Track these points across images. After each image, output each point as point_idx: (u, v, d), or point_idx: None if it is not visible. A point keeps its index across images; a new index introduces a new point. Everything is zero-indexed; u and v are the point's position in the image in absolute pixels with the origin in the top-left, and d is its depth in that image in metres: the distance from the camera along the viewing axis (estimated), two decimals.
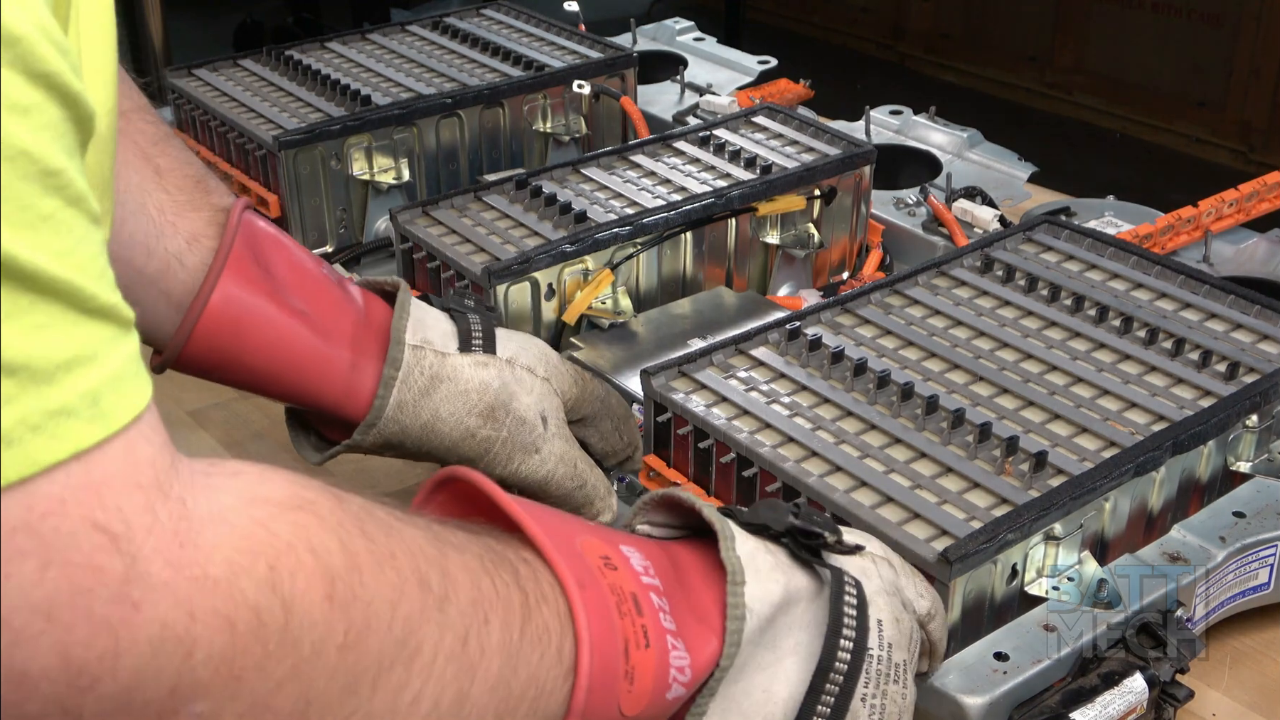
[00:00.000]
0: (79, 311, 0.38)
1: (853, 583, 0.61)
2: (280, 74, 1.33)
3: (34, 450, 0.37)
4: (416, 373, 0.76)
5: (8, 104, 0.37)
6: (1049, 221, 1.06)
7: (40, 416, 0.37)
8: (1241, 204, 1.20)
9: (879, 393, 0.84)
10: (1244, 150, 3.54)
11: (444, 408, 0.76)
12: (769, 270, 1.14)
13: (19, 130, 0.37)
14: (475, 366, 0.78)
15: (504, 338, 0.81)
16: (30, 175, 0.38)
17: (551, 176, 1.12)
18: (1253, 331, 0.92)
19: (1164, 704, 0.72)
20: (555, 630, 0.51)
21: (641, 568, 0.56)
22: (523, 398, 0.79)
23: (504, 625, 0.50)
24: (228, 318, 0.73)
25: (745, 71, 1.54)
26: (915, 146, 1.37)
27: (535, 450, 0.79)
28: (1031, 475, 0.77)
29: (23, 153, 0.37)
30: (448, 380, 0.76)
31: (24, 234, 0.37)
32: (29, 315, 0.37)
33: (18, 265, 0.37)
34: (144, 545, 0.39)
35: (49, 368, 0.37)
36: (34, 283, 0.37)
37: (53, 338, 0.37)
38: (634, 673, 0.53)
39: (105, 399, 0.39)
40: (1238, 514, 0.82)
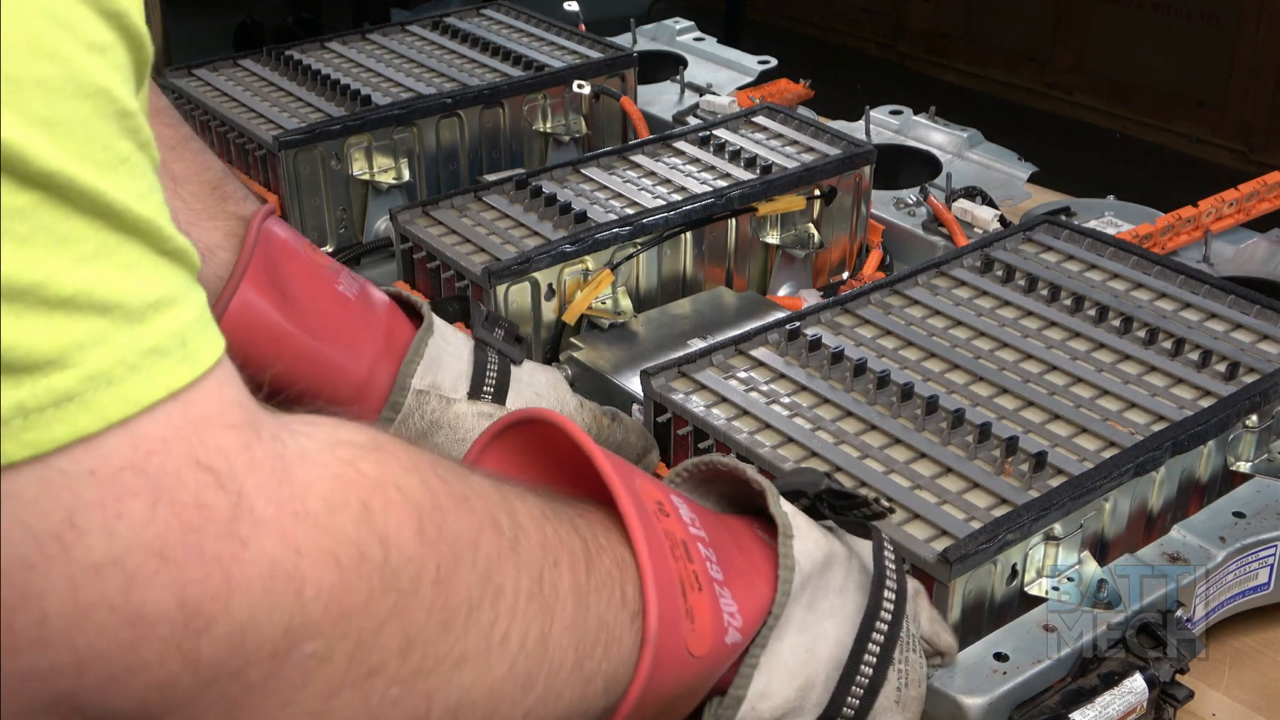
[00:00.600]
0: (159, 253, 0.38)
1: (890, 541, 0.62)
2: (280, 74, 1.33)
3: (133, 390, 0.37)
4: (417, 417, 0.76)
5: (85, 41, 0.37)
6: (1049, 221, 1.06)
7: (137, 355, 0.37)
8: (1241, 204, 1.20)
9: (879, 393, 0.84)
10: (1244, 150, 3.54)
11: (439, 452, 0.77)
12: (769, 270, 1.14)
13: (98, 68, 0.37)
14: (478, 417, 0.77)
15: (520, 385, 0.80)
16: (110, 115, 0.37)
17: (551, 176, 1.12)
18: (1253, 331, 0.92)
19: (1164, 704, 0.72)
20: (617, 576, 0.52)
21: (689, 519, 0.56)
22: None
23: (571, 569, 0.50)
24: (239, 335, 0.73)
25: (745, 71, 1.54)
26: (915, 146, 1.37)
27: None
28: (1031, 475, 0.77)
29: (102, 90, 0.37)
30: (447, 428, 0.76)
31: (109, 174, 0.37)
32: (118, 254, 0.37)
33: (106, 202, 0.36)
34: (246, 482, 0.39)
35: (140, 306, 0.37)
36: (121, 221, 0.37)
37: (141, 277, 0.37)
38: (693, 612, 0.53)
39: (192, 340, 0.39)
40: (1238, 514, 0.82)
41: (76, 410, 0.35)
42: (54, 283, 0.35)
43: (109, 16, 0.38)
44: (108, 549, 0.36)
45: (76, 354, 0.35)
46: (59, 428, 0.35)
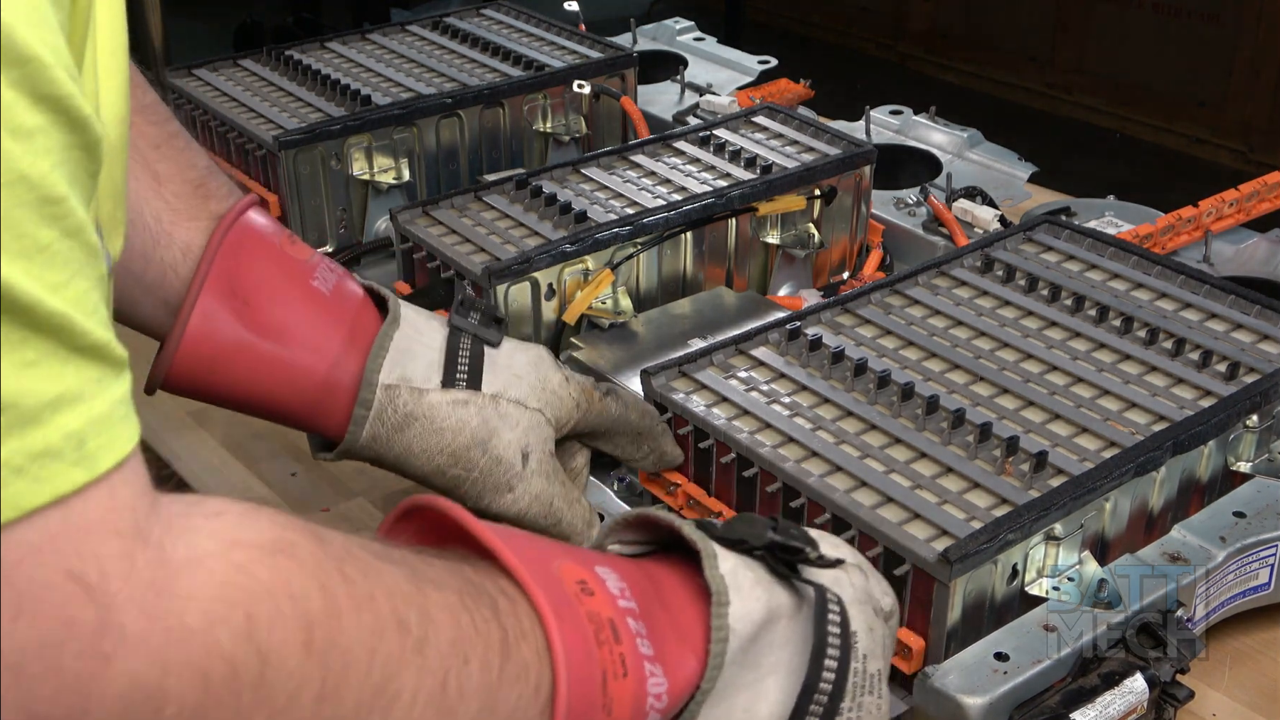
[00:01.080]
0: (69, 349, 0.37)
1: (835, 600, 0.60)
2: (280, 74, 1.33)
3: (16, 494, 0.35)
4: (389, 411, 0.74)
5: (9, 127, 0.36)
6: (1049, 221, 1.06)
7: (24, 458, 0.35)
8: (1242, 204, 1.20)
9: (879, 393, 0.84)
10: (1244, 150, 3.54)
11: (416, 444, 0.75)
12: (769, 270, 1.14)
13: (19, 154, 0.36)
14: (453, 405, 0.76)
15: (496, 367, 0.79)
16: (28, 202, 0.36)
17: (551, 176, 1.12)
18: (1253, 331, 0.92)
19: (1164, 704, 0.72)
20: (534, 667, 0.50)
21: (618, 590, 0.55)
22: (504, 434, 0.77)
23: (483, 665, 0.49)
24: (202, 351, 0.73)
25: (745, 71, 1.54)
26: (915, 146, 1.37)
27: (509, 489, 0.77)
28: (1032, 475, 0.77)
29: (22, 178, 0.36)
30: (422, 419, 0.75)
31: (19, 263, 0.35)
32: (20, 350, 0.36)
33: (13, 296, 0.35)
34: (119, 595, 0.38)
35: (36, 407, 0.36)
36: (28, 316, 0.36)
37: (41, 375, 0.36)
38: (611, 705, 0.52)
39: (90, 441, 0.37)
40: (1238, 514, 0.82)
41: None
42: None
43: (42, 100, 0.36)
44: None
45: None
46: None
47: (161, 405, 0.84)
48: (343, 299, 0.78)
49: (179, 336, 0.72)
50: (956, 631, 0.72)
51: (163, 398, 0.77)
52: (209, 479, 1.01)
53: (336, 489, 0.99)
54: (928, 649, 0.72)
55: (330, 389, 0.75)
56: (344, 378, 0.75)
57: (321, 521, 0.48)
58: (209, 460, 1.02)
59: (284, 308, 0.75)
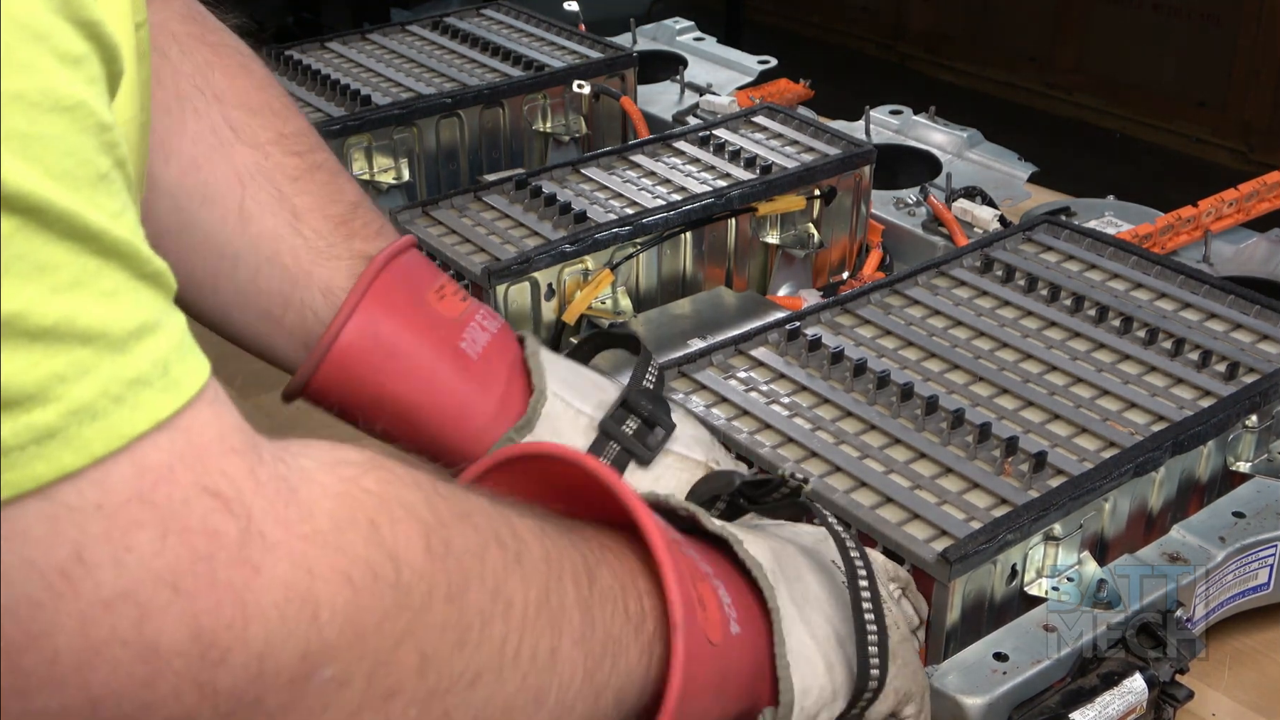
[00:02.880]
0: (139, 276, 0.37)
1: (846, 525, 0.62)
2: (280, 74, 1.33)
3: (118, 423, 0.35)
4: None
5: (61, 53, 0.35)
6: (1049, 221, 1.06)
7: (121, 386, 0.35)
8: (1241, 204, 1.20)
9: (879, 393, 0.84)
10: (1244, 150, 3.54)
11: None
12: (769, 270, 1.14)
13: (75, 81, 0.35)
14: None
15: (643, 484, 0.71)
16: (88, 129, 0.36)
17: (551, 176, 1.12)
18: (1252, 331, 0.92)
19: (1164, 704, 0.72)
20: (618, 590, 0.51)
21: (665, 525, 0.56)
22: None
23: (575, 582, 0.49)
24: (363, 350, 0.68)
25: (745, 71, 1.54)
26: (915, 146, 1.37)
27: None
28: (1031, 475, 0.77)
29: (80, 103, 0.35)
30: None
31: (87, 193, 0.35)
32: (99, 280, 0.35)
33: (84, 225, 0.35)
34: (254, 506, 0.38)
35: (122, 335, 0.36)
36: (99, 244, 0.35)
37: (122, 303, 0.36)
38: (704, 600, 0.53)
39: (174, 367, 0.37)
40: (1237, 514, 0.82)
41: (59, 447, 0.34)
42: (33, 313, 0.33)
43: (82, 26, 0.36)
44: (117, 583, 0.35)
45: (58, 388, 0.34)
46: (40, 465, 0.34)
47: None
48: (491, 363, 0.71)
49: (338, 329, 0.68)
50: (956, 631, 0.72)
51: None
52: None
53: None
54: (927, 649, 0.72)
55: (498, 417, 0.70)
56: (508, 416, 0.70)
57: None
58: None
59: (431, 367, 0.70)
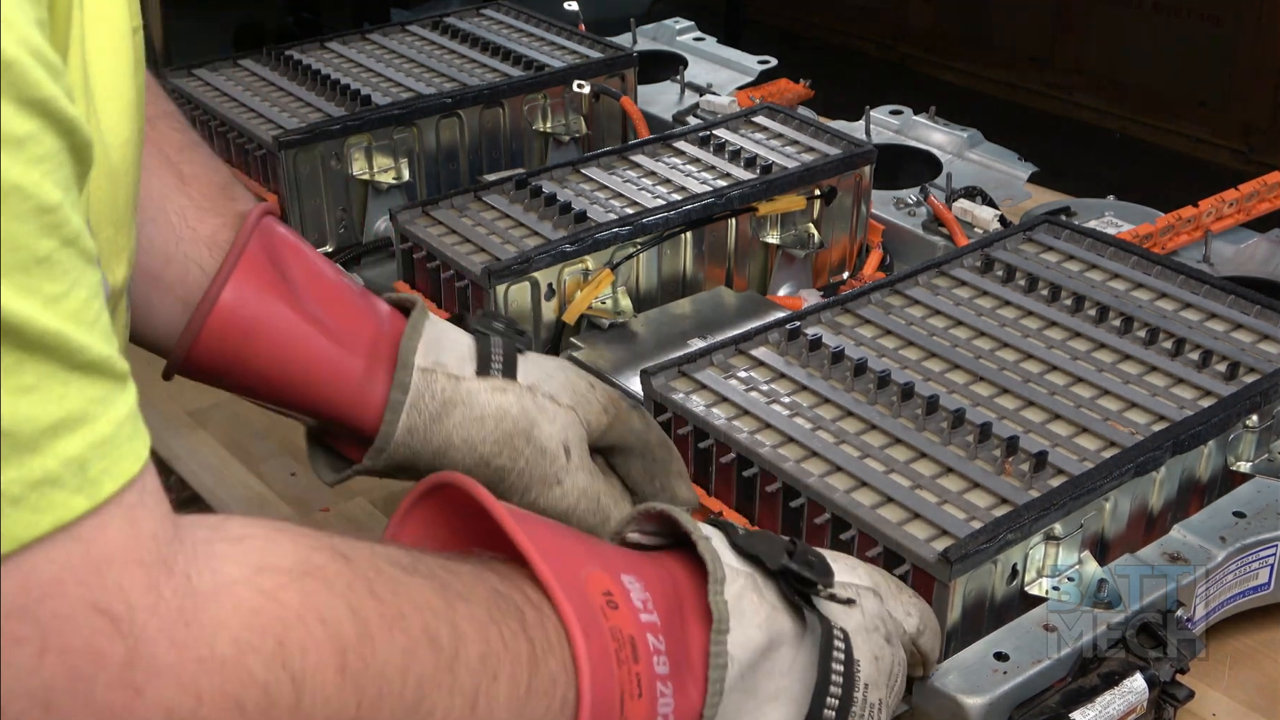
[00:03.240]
0: (69, 368, 0.36)
1: (841, 635, 0.60)
2: (280, 74, 1.33)
3: (14, 524, 0.34)
4: (427, 397, 0.71)
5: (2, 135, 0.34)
6: (1049, 221, 1.06)
7: (22, 488, 0.34)
8: (1241, 204, 1.20)
9: (879, 393, 0.84)
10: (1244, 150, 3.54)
11: (456, 434, 0.72)
12: (769, 270, 1.14)
13: (13, 164, 0.34)
14: (492, 392, 0.72)
15: (528, 363, 0.76)
16: (24, 213, 0.35)
17: (551, 176, 1.12)
18: (1253, 331, 0.92)
19: (1164, 704, 0.72)
20: (561, 680, 0.50)
21: (640, 603, 0.54)
22: (544, 426, 0.73)
23: (511, 679, 0.49)
24: (239, 318, 0.70)
25: (745, 71, 1.54)
26: (915, 146, 1.37)
27: (557, 482, 0.74)
28: (1032, 475, 0.77)
29: (16, 188, 0.34)
30: (461, 405, 0.72)
31: (17, 279, 0.34)
32: (16, 375, 0.34)
33: (8, 319, 0.34)
34: (147, 626, 0.37)
35: (34, 434, 0.35)
36: (22, 338, 0.34)
37: (40, 400, 0.35)
38: (639, 681, 0.52)
39: (94, 466, 0.36)
40: (1238, 514, 0.82)
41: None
42: None
43: (29, 105, 0.35)
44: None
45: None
46: None
47: (161, 405, 0.83)
48: (370, 300, 0.76)
49: (213, 300, 0.69)
50: (956, 631, 0.72)
51: (163, 397, 0.77)
52: (209, 479, 1.00)
53: (337, 490, 0.99)
54: None
55: (368, 376, 0.72)
56: (380, 366, 0.72)
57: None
58: (209, 460, 1.02)
59: (321, 291, 0.73)
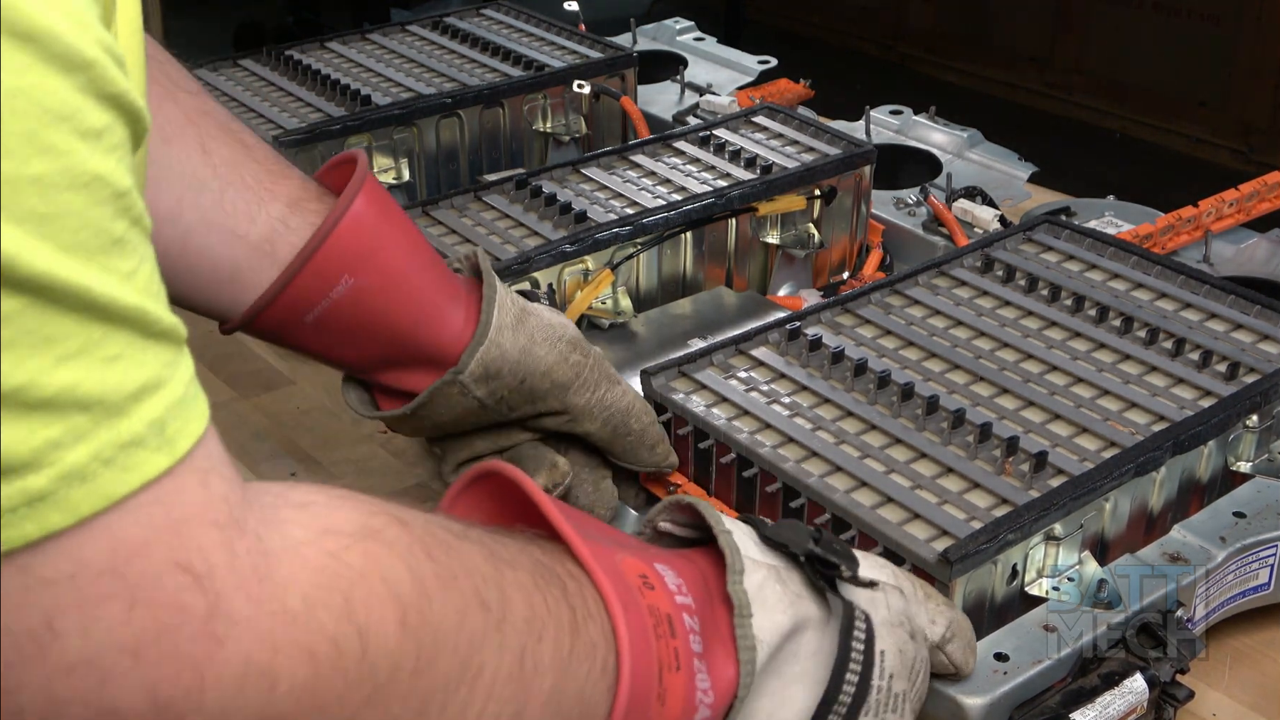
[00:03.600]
0: (146, 337, 0.38)
1: (862, 617, 0.61)
2: (280, 74, 1.33)
3: (106, 484, 0.37)
4: (509, 302, 0.79)
5: (80, 130, 0.37)
6: (1049, 221, 1.06)
7: (114, 450, 0.37)
8: (1242, 204, 1.20)
9: (879, 393, 0.84)
10: (1244, 150, 3.54)
11: (538, 334, 0.79)
12: (769, 270, 1.14)
13: (94, 155, 0.37)
14: (553, 312, 0.82)
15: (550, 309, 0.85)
16: (104, 199, 0.38)
17: (551, 176, 1.12)
18: (1253, 331, 0.92)
19: (1164, 704, 0.72)
20: (601, 645, 0.52)
21: (675, 586, 0.56)
22: (593, 348, 0.83)
23: (555, 642, 0.51)
24: (364, 229, 0.73)
25: (745, 71, 1.54)
26: (915, 146, 1.37)
27: (618, 381, 0.83)
28: (1032, 475, 0.77)
29: (98, 177, 0.37)
30: (534, 314, 0.80)
31: (99, 260, 0.37)
32: (103, 347, 0.37)
33: (93, 298, 0.37)
34: (225, 582, 0.40)
35: (121, 399, 0.37)
36: (107, 313, 0.37)
37: (125, 368, 0.38)
38: (666, 695, 0.54)
39: (170, 425, 0.39)
40: (1238, 514, 0.82)
41: (48, 509, 0.36)
42: (36, 385, 0.35)
43: (107, 99, 0.38)
44: (82, 650, 0.37)
45: (51, 454, 0.36)
46: (29, 525, 0.35)
47: None
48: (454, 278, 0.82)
49: (342, 211, 0.72)
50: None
51: None
52: None
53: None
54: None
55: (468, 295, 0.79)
56: (472, 291, 0.80)
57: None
58: None
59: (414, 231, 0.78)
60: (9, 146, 0.35)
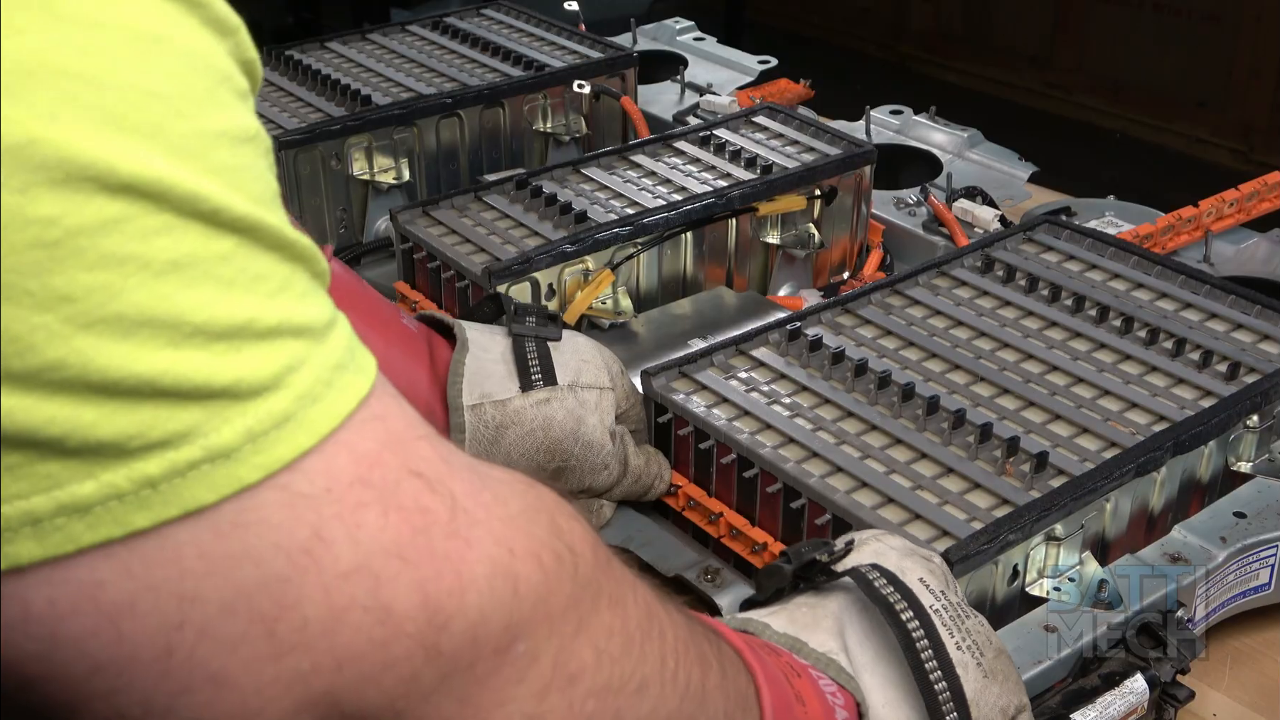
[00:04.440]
0: (314, 275, 0.41)
1: (872, 568, 0.62)
2: (280, 74, 1.33)
3: (333, 404, 0.39)
4: (480, 428, 0.80)
5: (239, 90, 0.40)
6: (1049, 221, 1.06)
7: (329, 372, 0.39)
8: (1242, 204, 1.20)
9: (880, 393, 0.84)
10: (1244, 150, 3.54)
11: (514, 451, 0.80)
12: (769, 270, 1.14)
13: (249, 113, 0.40)
14: (537, 405, 0.81)
15: (564, 359, 0.84)
16: (265, 152, 0.41)
17: (551, 176, 1.12)
18: (1253, 331, 0.92)
19: (1164, 704, 0.72)
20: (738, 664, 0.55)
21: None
22: (589, 419, 0.83)
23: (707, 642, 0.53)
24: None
25: (745, 71, 1.54)
26: (915, 146, 1.37)
27: (604, 468, 0.84)
28: (1032, 476, 0.77)
29: (256, 135, 0.40)
30: (513, 425, 0.81)
31: (277, 211, 0.40)
32: (295, 283, 0.39)
33: (283, 239, 0.39)
34: (454, 487, 0.41)
35: (321, 327, 0.40)
36: (292, 253, 0.39)
37: (315, 301, 0.40)
38: (801, 695, 0.56)
39: (357, 351, 0.41)
40: (1238, 514, 0.82)
41: (294, 429, 0.38)
42: (261, 318, 0.38)
43: (244, 64, 0.41)
44: (353, 556, 0.39)
45: (288, 377, 0.38)
46: (282, 448, 0.38)
47: None
48: (413, 334, 0.82)
49: None
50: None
51: None
52: None
53: None
54: None
55: (429, 415, 0.77)
56: (437, 408, 0.80)
57: None
58: None
59: (384, 327, 0.79)
60: (201, 102, 0.38)
